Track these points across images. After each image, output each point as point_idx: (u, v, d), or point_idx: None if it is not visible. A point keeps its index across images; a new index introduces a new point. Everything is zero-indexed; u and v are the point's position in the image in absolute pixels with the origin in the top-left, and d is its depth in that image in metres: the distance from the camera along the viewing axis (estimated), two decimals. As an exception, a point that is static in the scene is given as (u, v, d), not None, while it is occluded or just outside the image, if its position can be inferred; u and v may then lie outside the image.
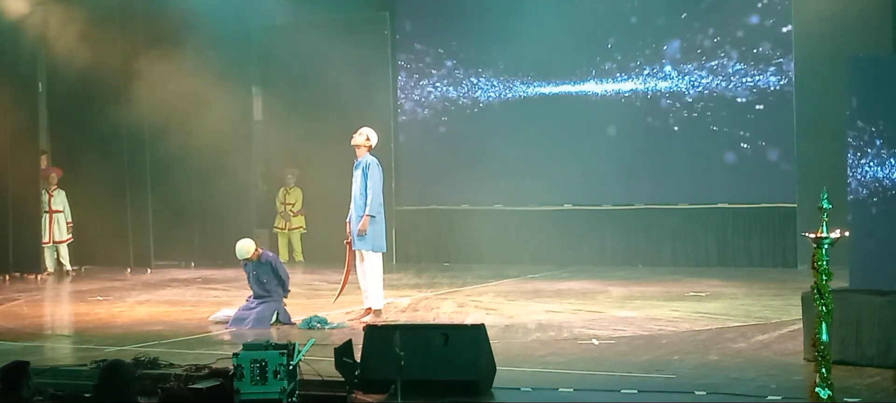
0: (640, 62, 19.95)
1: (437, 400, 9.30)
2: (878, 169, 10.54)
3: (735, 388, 9.51)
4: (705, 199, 19.82)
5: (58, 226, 20.52)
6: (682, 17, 19.73)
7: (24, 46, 19.88)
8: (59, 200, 20.58)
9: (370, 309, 13.96)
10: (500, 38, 20.89)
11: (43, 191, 20.34)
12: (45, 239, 20.32)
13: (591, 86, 20.35)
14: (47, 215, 20.40)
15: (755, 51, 19.22)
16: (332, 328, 13.19)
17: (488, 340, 9.83)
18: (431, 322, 13.70)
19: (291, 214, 22.29)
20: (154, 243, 20.98)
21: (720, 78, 19.45)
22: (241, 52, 21.64)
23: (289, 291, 14.03)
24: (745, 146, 19.39)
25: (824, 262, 8.52)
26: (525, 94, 20.84)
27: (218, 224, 20.70)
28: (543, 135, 20.46)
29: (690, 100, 19.69)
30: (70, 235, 20.68)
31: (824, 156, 17.06)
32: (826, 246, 8.48)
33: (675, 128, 19.83)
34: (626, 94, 20.09)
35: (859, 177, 10.61)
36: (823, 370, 8.46)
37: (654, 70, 19.86)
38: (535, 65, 20.68)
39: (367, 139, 14.09)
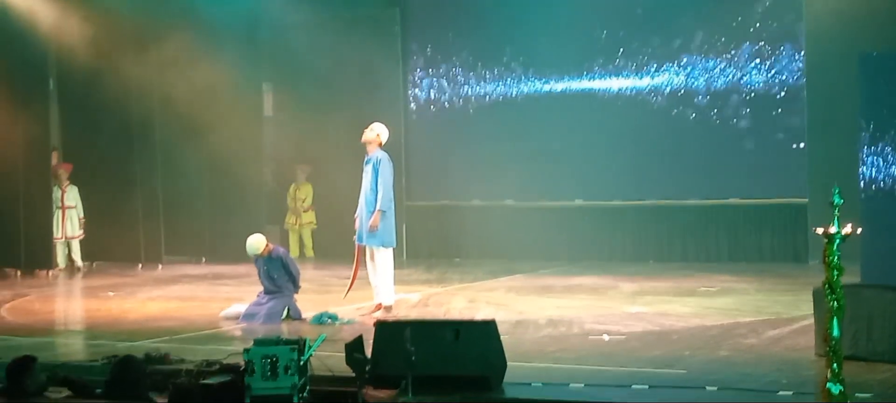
0: (651, 58, 19.92)
1: (448, 396, 9.31)
2: (890, 164, 10.53)
3: (746, 384, 9.51)
4: (716, 195, 19.79)
5: (70, 222, 20.54)
6: (693, 12, 19.70)
7: (35, 43, 19.89)
8: (72, 196, 20.60)
9: (380, 304, 13.97)
10: (510, 33, 20.89)
11: (55, 188, 20.36)
12: (58, 235, 20.34)
13: (602, 82, 20.32)
14: (60, 211, 20.42)
15: (766, 46, 19.19)
16: (343, 323, 13.20)
17: (499, 335, 9.83)
18: (442, 317, 13.70)
19: (302, 210, 22.30)
20: (165, 239, 21.00)
21: (731, 73, 19.42)
22: (251, 48, 21.66)
23: (299, 287, 14.04)
24: (757, 142, 19.37)
25: (835, 258, 8.50)
26: (535, 90, 20.82)
27: (229, 220, 20.72)
28: (554, 131, 20.45)
29: (701, 95, 19.66)
30: (82, 231, 20.70)
31: (835, 151, 17.06)
32: (837, 241, 8.46)
33: (686, 124, 19.80)
34: (637, 90, 20.07)
35: (871, 172, 10.60)
36: (835, 365, 8.45)
37: (665, 66, 19.83)
38: (545, 60, 20.66)
39: (378, 135, 14.11)
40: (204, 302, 15.54)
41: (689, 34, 19.69)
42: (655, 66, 19.90)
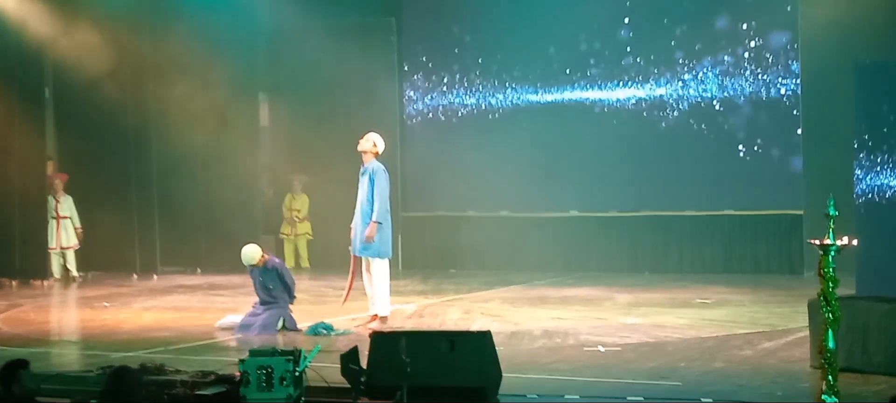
0: (646, 69, 19.92)
1: (443, 407, 9.31)
2: (885, 175, 10.54)
3: (741, 395, 9.50)
4: (711, 206, 19.78)
5: (65, 232, 20.48)
6: (688, 23, 19.71)
7: (31, 52, 19.88)
8: (67, 206, 20.54)
9: (376, 315, 13.96)
10: (506, 43, 20.90)
11: (50, 197, 20.31)
12: (52, 245, 20.28)
13: (597, 93, 20.33)
14: (54, 221, 20.37)
15: (762, 57, 19.19)
16: (339, 334, 13.18)
17: (494, 346, 9.82)
18: (437, 328, 13.68)
19: (297, 220, 22.28)
20: (160, 249, 20.97)
21: (726, 84, 19.42)
22: (247, 57, 21.65)
23: (295, 297, 14.02)
24: (752, 153, 19.37)
25: (831, 269, 8.52)
26: (531, 100, 20.83)
27: (224, 230, 20.66)
28: (549, 142, 20.47)
29: (696, 106, 19.66)
30: (77, 241, 20.64)
31: (831, 162, 17.09)
32: (832, 253, 8.48)
33: (681, 135, 19.80)
34: (633, 101, 20.08)
35: (866, 183, 10.61)
36: (830, 377, 8.47)
37: (660, 77, 19.84)
38: (540, 71, 20.68)
39: (374, 145, 14.10)
40: (199, 313, 15.51)
41: (684, 45, 19.70)
42: (650, 77, 19.90)
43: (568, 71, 20.50)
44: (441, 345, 9.68)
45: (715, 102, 19.54)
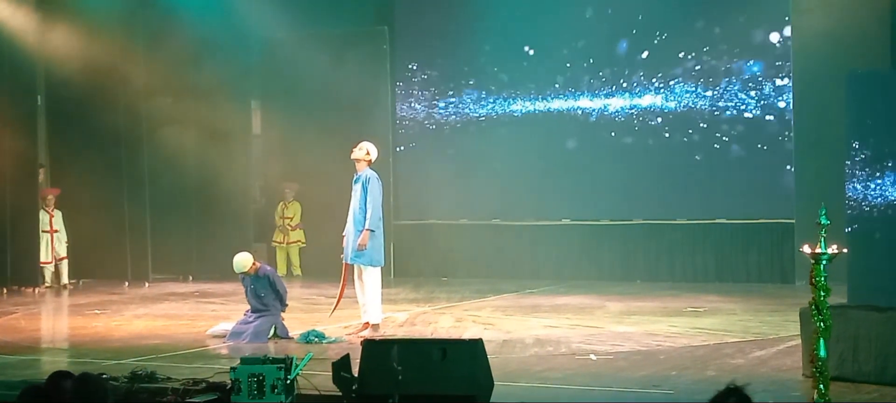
0: (639, 78, 19.96)
1: (435, 415, 9.30)
2: (877, 185, 10.56)
3: (733, 404, 9.49)
4: (703, 215, 19.81)
5: (58, 244, 20.43)
6: (680, 33, 19.74)
7: (24, 59, 19.85)
8: (58, 220, 20.48)
9: (368, 323, 13.94)
10: (499, 52, 20.93)
11: (43, 212, 20.22)
12: (47, 259, 20.19)
13: (589, 103, 20.36)
14: (48, 235, 20.28)
15: (754, 67, 19.23)
16: (330, 342, 13.16)
17: (486, 355, 9.81)
18: (429, 336, 13.67)
19: (290, 228, 22.28)
20: (152, 256, 20.92)
21: (718, 93, 19.46)
22: (240, 65, 21.64)
23: (286, 305, 14.00)
24: (744, 161, 19.40)
25: (822, 278, 8.51)
26: (523, 109, 20.85)
27: (216, 237, 20.67)
28: (541, 151, 20.49)
29: (688, 115, 19.69)
30: (66, 254, 20.58)
31: (823, 171, 17.12)
32: (824, 261, 8.48)
33: (674, 144, 19.84)
34: (625, 109, 20.10)
35: (858, 192, 10.63)
36: (821, 386, 8.46)
37: (653, 85, 19.87)
38: (533, 80, 20.71)
39: (368, 153, 14.09)
40: (190, 321, 15.49)
41: (677, 54, 19.72)
42: (643, 86, 19.94)
43: (560, 80, 20.54)
44: (433, 353, 9.67)
45: (707, 111, 19.57)
